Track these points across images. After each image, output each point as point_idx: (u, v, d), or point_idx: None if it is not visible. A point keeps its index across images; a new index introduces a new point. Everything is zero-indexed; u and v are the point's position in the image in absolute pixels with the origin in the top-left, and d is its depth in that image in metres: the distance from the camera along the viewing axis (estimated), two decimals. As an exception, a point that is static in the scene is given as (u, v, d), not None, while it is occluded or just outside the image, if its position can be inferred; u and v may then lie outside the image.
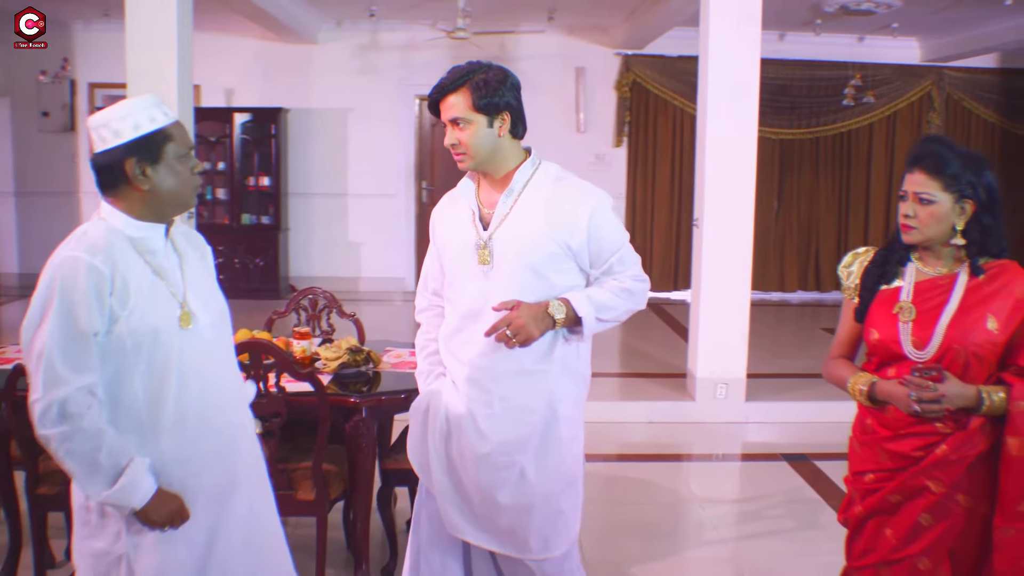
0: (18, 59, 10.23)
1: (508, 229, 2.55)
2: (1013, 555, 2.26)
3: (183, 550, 2.13)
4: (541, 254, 2.53)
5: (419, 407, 2.70)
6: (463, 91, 2.50)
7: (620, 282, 2.61)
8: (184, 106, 5.90)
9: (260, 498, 2.35)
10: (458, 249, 2.63)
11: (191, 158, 2.18)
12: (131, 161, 2.09)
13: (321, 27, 10.33)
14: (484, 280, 2.56)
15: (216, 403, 2.21)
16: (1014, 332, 2.27)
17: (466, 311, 2.59)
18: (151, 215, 2.16)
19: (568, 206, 2.53)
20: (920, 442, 2.32)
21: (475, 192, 2.66)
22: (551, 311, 2.49)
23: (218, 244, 10.04)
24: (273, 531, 2.39)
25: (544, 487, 2.59)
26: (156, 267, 2.15)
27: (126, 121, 2.08)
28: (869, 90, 9.82)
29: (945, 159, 2.30)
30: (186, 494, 2.13)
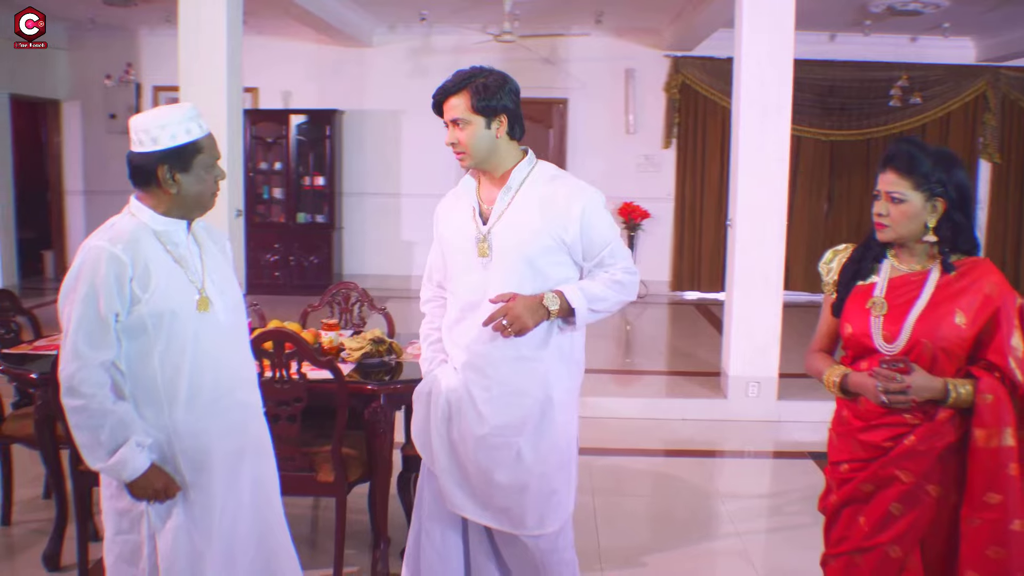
0: (87, 64, 10.72)
1: (506, 224, 2.70)
2: (978, 545, 2.33)
3: (197, 510, 2.36)
4: (536, 247, 2.67)
5: (422, 391, 2.86)
6: (464, 93, 2.66)
7: (611, 274, 2.74)
8: (233, 108, 6.18)
9: (265, 470, 2.57)
10: (459, 243, 2.78)
11: (216, 167, 2.41)
12: (163, 167, 2.33)
13: (375, 31, 10.60)
14: (483, 272, 2.71)
15: (227, 382, 2.43)
16: (983, 327, 2.34)
17: (466, 301, 2.75)
18: (175, 214, 2.40)
19: (562, 202, 2.69)
20: (890, 433, 2.41)
21: (476, 189, 2.82)
22: (545, 302, 2.63)
23: (273, 242, 10.39)
24: (275, 501, 2.61)
25: (539, 468, 2.74)
26: (177, 257, 2.38)
27: (164, 130, 2.32)
28: (916, 91, 9.71)
29: (915, 159, 2.38)
30: (198, 462, 2.35)
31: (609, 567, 3.91)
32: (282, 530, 2.63)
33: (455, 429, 2.76)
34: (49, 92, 10.74)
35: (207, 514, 2.38)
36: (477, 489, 2.76)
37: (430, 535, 2.87)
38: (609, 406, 6.18)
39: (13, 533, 4.14)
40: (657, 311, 9.92)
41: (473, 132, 2.67)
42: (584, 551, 4.01)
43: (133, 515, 2.38)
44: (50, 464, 3.81)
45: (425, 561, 2.88)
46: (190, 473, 2.36)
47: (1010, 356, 2.32)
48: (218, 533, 2.41)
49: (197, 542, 2.39)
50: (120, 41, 10.72)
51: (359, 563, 3.83)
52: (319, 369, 3.51)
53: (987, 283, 2.36)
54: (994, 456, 2.31)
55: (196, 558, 2.37)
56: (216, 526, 2.40)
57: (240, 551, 2.47)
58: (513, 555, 2.87)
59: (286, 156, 10.52)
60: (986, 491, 2.32)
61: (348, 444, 3.68)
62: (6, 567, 3.84)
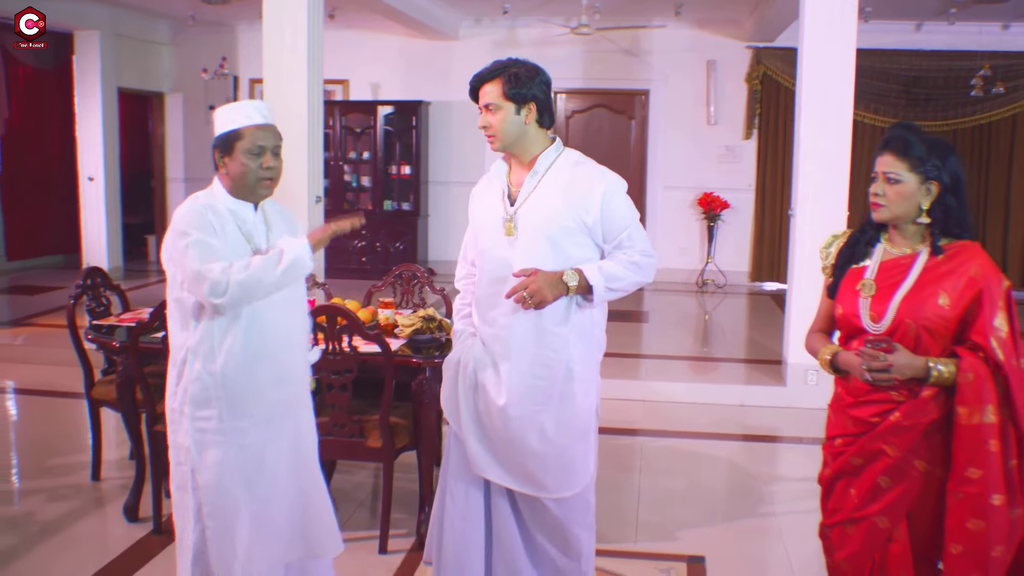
0: (189, 58, 11.34)
1: (531, 205, 2.91)
2: (960, 517, 2.45)
3: (234, 450, 2.66)
4: (558, 228, 2.87)
5: (451, 361, 3.07)
6: (497, 81, 2.88)
7: (629, 256, 2.93)
8: (313, 99, 6.52)
9: (305, 427, 2.86)
10: (489, 222, 3.00)
11: (262, 156, 2.70)
12: (216, 151, 2.73)
13: (461, 24, 10.89)
14: (509, 249, 2.92)
15: (275, 343, 2.73)
16: (966, 308, 2.45)
17: (493, 277, 2.95)
18: (237, 194, 2.75)
19: (584, 186, 2.89)
20: (877, 409, 2.53)
21: (506, 173, 3.03)
22: (565, 279, 2.83)
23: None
24: (314, 455, 2.89)
25: (560, 437, 2.94)
26: (245, 232, 2.72)
27: (219, 121, 2.72)
28: (999, 80, 9.46)
29: (911, 143, 2.50)
30: (238, 409, 2.66)
31: (643, 538, 4.09)
32: (322, 484, 2.91)
33: (480, 398, 2.96)
34: (154, 85, 11.40)
35: (247, 457, 2.68)
36: (501, 454, 2.96)
37: (454, 495, 3.06)
38: (670, 391, 6.34)
39: (101, 488, 4.57)
40: (735, 301, 9.95)
41: (503, 117, 2.88)
42: (622, 523, 4.23)
43: (183, 449, 2.70)
44: (130, 425, 4.20)
45: (448, 519, 3.07)
46: (229, 419, 2.66)
47: (992, 336, 2.41)
48: (260, 477, 2.70)
49: (235, 481, 2.68)
50: (219, 36, 11.30)
51: (407, 526, 4.10)
52: (370, 343, 3.79)
53: (972, 266, 2.46)
54: (976, 432, 2.41)
55: (233, 496, 2.67)
56: (257, 470, 2.70)
57: (280, 495, 2.75)
58: (533, 516, 3.04)
59: (374, 146, 10.92)
60: (968, 466, 2.43)
61: (397, 414, 3.96)
62: (94, 517, 4.26)
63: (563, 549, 3.04)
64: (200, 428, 2.67)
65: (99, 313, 4.63)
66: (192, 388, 2.66)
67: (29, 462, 5.07)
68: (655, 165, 10.91)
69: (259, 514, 2.72)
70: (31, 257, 11.28)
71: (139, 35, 11.07)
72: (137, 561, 3.77)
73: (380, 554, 3.85)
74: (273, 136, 2.75)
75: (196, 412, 2.66)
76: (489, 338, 2.96)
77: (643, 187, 10.95)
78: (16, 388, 6.52)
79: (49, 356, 6.87)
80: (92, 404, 4.56)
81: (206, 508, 2.67)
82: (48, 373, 6.56)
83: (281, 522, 2.78)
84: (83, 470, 4.70)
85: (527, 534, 3.07)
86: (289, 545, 2.79)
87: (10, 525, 4.17)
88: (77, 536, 4.05)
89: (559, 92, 11.04)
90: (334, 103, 11.10)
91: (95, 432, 4.62)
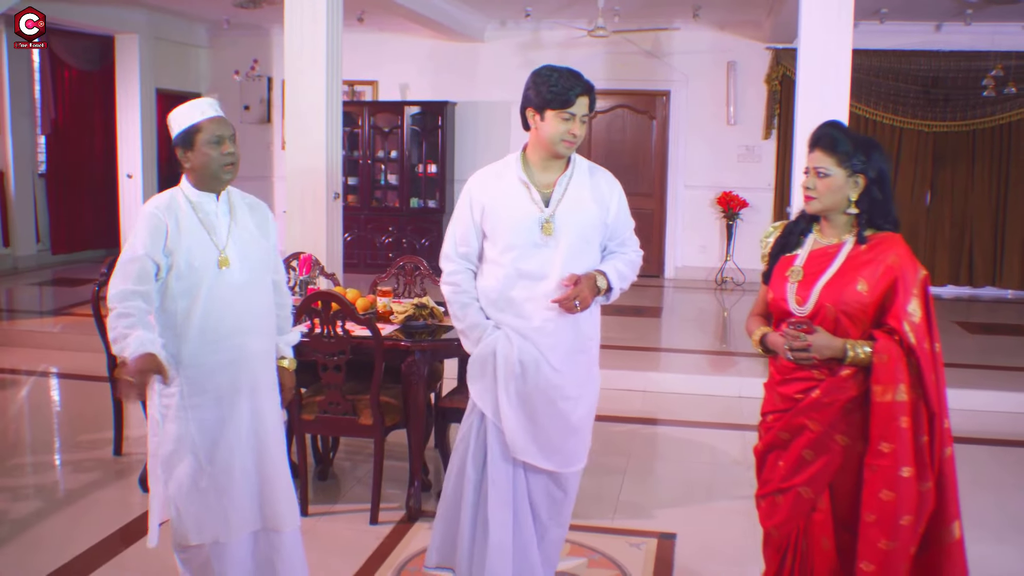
0: (224, 60, 11.77)
1: (568, 207, 3.11)
2: (874, 488, 2.66)
3: (194, 425, 2.93)
4: (590, 228, 3.14)
5: (484, 355, 3.13)
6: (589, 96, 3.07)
7: (630, 256, 3.25)
8: (332, 99, 6.83)
9: (265, 407, 3.06)
10: (521, 221, 3.10)
11: (223, 144, 2.95)
12: (178, 149, 2.98)
13: (487, 27, 11.17)
14: (546, 248, 3.09)
15: (232, 328, 2.96)
16: (883, 294, 2.66)
17: (528, 274, 3.09)
18: (200, 185, 3.00)
19: (606, 191, 3.18)
20: (801, 386, 2.75)
21: (525, 172, 3.13)
22: (598, 283, 3.11)
23: (387, 225, 11.16)
24: (275, 436, 3.10)
25: (589, 414, 3.26)
26: (205, 222, 2.97)
27: (175, 122, 2.97)
28: (1012, 80, 9.50)
29: (838, 140, 2.73)
30: (198, 388, 2.92)
31: (621, 516, 4.33)
32: (281, 461, 3.11)
33: (529, 384, 3.11)
34: (192, 86, 11.84)
35: (204, 432, 2.93)
36: (540, 436, 3.15)
37: (496, 483, 3.16)
38: (671, 382, 6.56)
39: (122, 461, 4.93)
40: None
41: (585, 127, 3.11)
42: (603, 502, 4.48)
43: (155, 421, 2.98)
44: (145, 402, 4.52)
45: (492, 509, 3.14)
46: (190, 396, 2.92)
47: (905, 321, 2.62)
48: (216, 452, 2.95)
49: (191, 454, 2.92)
50: (253, 39, 11.71)
51: (398, 500, 4.39)
52: (364, 328, 4.07)
53: (891, 255, 2.67)
54: (888, 410, 2.62)
55: (189, 467, 2.92)
56: (214, 445, 2.94)
57: (237, 470, 2.99)
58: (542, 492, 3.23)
59: (401, 145, 11.24)
60: (881, 440, 2.64)
61: (388, 394, 4.24)
62: (114, 487, 4.61)
63: (558, 520, 3.29)
64: (165, 404, 2.93)
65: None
66: None
67: (60, 438, 5.49)
68: (676, 164, 11.10)
69: (216, 486, 2.95)
70: (74, 251, 11.80)
71: (177, 38, 11.52)
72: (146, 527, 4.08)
73: (371, 524, 4.14)
74: (228, 126, 3.00)
75: (163, 389, 2.93)
76: (530, 331, 3.09)
77: (664, 186, 11.14)
78: (55, 372, 6.95)
79: (86, 343, 7.27)
80: (114, 384, 4.91)
81: (169, 476, 2.94)
82: (85, 359, 6.96)
83: (238, 495, 2.99)
84: (107, 446, 5.06)
85: (535, 509, 3.26)
86: (248, 515, 3.02)
87: (38, 492, 4.58)
88: (95, 503, 4.40)
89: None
90: (363, 103, 11.45)
91: (117, 410, 4.97)
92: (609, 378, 6.53)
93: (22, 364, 7.07)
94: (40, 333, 7.84)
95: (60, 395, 6.56)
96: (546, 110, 3.00)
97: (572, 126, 3.01)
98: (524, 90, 3.09)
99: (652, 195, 11.21)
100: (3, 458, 5.06)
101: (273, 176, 11.76)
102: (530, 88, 3.05)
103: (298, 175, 6.85)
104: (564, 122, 3.00)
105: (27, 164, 11.19)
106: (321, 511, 4.27)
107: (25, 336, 7.77)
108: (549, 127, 3.02)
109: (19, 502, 4.43)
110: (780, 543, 2.89)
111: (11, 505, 4.38)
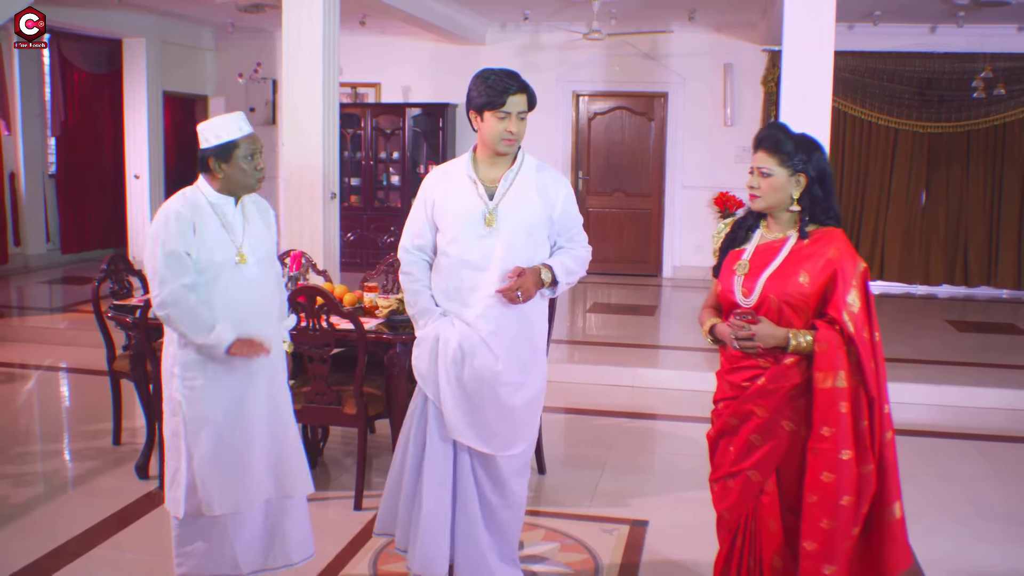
0: (230, 63, 11.99)
1: (511, 201, 3.29)
2: (816, 470, 2.80)
3: (217, 406, 3.17)
4: (534, 222, 3.31)
5: (428, 337, 3.33)
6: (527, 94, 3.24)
7: (577, 251, 3.40)
8: (328, 101, 6.98)
9: (278, 388, 3.34)
10: (465, 213, 3.30)
11: (255, 159, 3.20)
12: (212, 159, 3.19)
13: (488, 30, 11.34)
14: (489, 239, 3.27)
15: (248, 315, 3.21)
16: (824, 286, 2.80)
17: (472, 264, 3.28)
18: (224, 192, 3.24)
19: (551, 187, 3.35)
20: (748, 374, 2.90)
21: (473, 169, 3.33)
22: (543, 276, 3.27)
23: (389, 224, 11.34)
24: (287, 413, 3.37)
25: (531, 402, 3.40)
26: (225, 223, 3.22)
27: (212, 133, 3.18)
28: (1001, 82, 9.61)
29: (780, 140, 2.87)
30: (221, 369, 3.16)
31: (597, 504, 4.49)
32: (294, 436, 3.38)
33: (468, 369, 3.29)
34: (198, 89, 12.07)
35: (227, 409, 3.17)
36: (477, 419, 3.32)
37: (432, 460, 3.36)
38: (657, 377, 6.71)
39: (121, 451, 5.12)
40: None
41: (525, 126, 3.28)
42: (580, 491, 4.64)
43: (176, 402, 3.20)
44: (142, 393, 4.73)
45: (426, 484, 3.35)
46: (214, 378, 3.16)
47: (844, 311, 2.77)
48: (239, 425, 3.20)
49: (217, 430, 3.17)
50: (258, 42, 11.92)
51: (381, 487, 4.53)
52: (348, 321, 4.24)
53: (831, 248, 2.82)
54: (829, 395, 2.77)
55: (215, 443, 3.16)
56: (238, 419, 3.19)
57: (257, 441, 3.24)
58: (485, 473, 3.41)
59: (403, 146, 11.42)
60: (822, 425, 2.78)
61: (372, 385, 4.41)
62: (112, 474, 4.79)
63: (506, 500, 3.43)
64: (189, 386, 3.16)
65: (121, 295, 5.16)
66: (181, 353, 3.17)
67: (63, 429, 5.69)
68: (673, 165, 11.25)
69: (239, 459, 3.21)
70: (83, 251, 12.03)
71: (183, 41, 11.74)
72: (141, 511, 4.29)
73: (355, 510, 4.31)
74: (259, 141, 3.26)
75: (185, 372, 3.17)
76: (473, 317, 3.27)
77: (662, 186, 11.30)
78: (61, 367, 7.16)
79: (90, 339, 7.47)
80: (113, 376, 5.11)
81: (194, 452, 3.17)
82: (89, 354, 7.15)
83: (258, 466, 3.25)
84: (107, 436, 5.25)
85: (480, 489, 3.42)
86: (265, 485, 3.28)
87: (39, 478, 4.78)
88: (94, 490, 4.59)
89: (581, 95, 11.45)
90: (366, 105, 11.64)
91: (116, 402, 5.16)
92: (597, 374, 6.79)
93: (30, 359, 7.29)
94: (48, 329, 8.07)
95: (64, 388, 6.77)
96: (484, 111, 3.19)
97: (508, 124, 3.19)
98: (466, 93, 3.28)
99: (650, 195, 11.37)
100: (8, 446, 5.27)
101: (279, 176, 11.90)
102: (471, 91, 3.23)
103: (295, 175, 7.03)
104: (500, 121, 3.18)
105: (37, 165, 11.45)
106: (309, 497, 4.42)
107: (34, 332, 8.00)
108: (488, 127, 3.21)
109: (22, 487, 4.62)
110: (731, 525, 3.03)
111: (14, 490, 4.57)
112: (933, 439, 5.60)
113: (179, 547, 3.29)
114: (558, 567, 3.82)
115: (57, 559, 3.81)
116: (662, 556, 3.96)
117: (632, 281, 11.04)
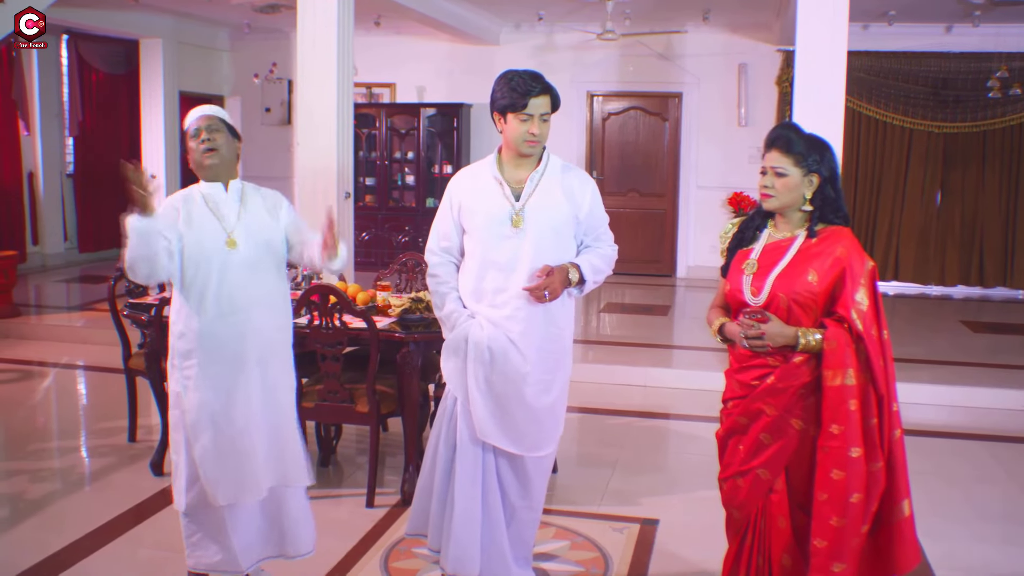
0: (246, 63, 12.06)
1: (538, 201, 3.29)
2: (826, 468, 2.81)
3: (211, 393, 3.19)
4: (561, 222, 3.31)
5: (457, 340, 3.31)
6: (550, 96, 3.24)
7: (604, 250, 3.40)
8: (343, 101, 7.01)
9: (277, 376, 3.33)
10: (492, 214, 3.30)
11: (199, 134, 3.25)
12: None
13: (502, 30, 11.36)
14: (516, 240, 3.27)
15: (240, 302, 3.22)
16: (833, 284, 2.81)
17: (499, 264, 3.28)
18: (209, 178, 3.31)
19: (577, 187, 3.34)
20: (757, 373, 2.91)
21: (499, 170, 3.33)
22: (570, 276, 3.28)
23: (404, 224, 11.39)
24: (287, 403, 3.37)
25: (558, 401, 3.41)
26: (214, 210, 3.26)
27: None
28: (1016, 82, 9.55)
29: (793, 141, 2.88)
30: (211, 357, 3.19)
31: (608, 503, 4.50)
32: (292, 428, 3.38)
33: (496, 370, 3.30)
34: (215, 89, 12.14)
35: (221, 398, 3.20)
36: (506, 420, 3.33)
37: (463, 461, 3.36)
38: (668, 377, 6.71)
39: (136, 447, 5.17)
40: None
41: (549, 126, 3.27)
42: (592, 490, 4.66)
43: (176, 394, 3.25)
44: (157, 391, 4.76)
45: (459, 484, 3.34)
46: (208, 365, 3.19)
47: (853, 309, 2.78)
48: (234, 413, 3.21)
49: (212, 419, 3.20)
50: (274, 42, 11.99)
51: (394, 485, 4.59)
52: (361, 320, 4.27)
53: (839, 247, 2.83)
54: (838, 393, 2.78)
55: (211, 432, 3.19)
56: (232, 407, 3.21)
57: (253, 430, 3.25)
58: (511, 472, 3.43)
59: (418, 146, 11.46)
60: (832, 423, 2.79)
61: (385, 383, 4.44)
62: (127, 471, 4.84)
63: (528, 502, 3.46)
64: (186, 376, 3.21)
65: (137, 293, 5.21)
66: (178, 344, 3.21)
67: (79, 426, 5.75)
68: (688, 165, 11.25)
69: (235, 450, 3.22)
70: (100, 250, 12.12)
71: (200, 42, 11.82)
72: (156, 507, 4.33)
73: (367, 508, 4.34)
74: (208, 120, 3.27)
75: (182, 363, 3.21)
76: (501, 318, 3.28)
77: (676, 186, 11.29)
78: (78, 365, 7.23)
79: (107, 336, 7.53)
80: (129, 374, 5.16)
81: (193, 443, 3.21)
82: (105, 351, 7.23)
83: (255, 454, 3.26)
84: (122, 433, 5.30)
85: (504, 491, 3.44)
86: (262, 474, 3.29)
87: (56, 474, 4.84)
88: (110, 485, 4.64)
89: (595, 95, 11.46)
90: (381, 105, 11.69)
91: (131, 399, 5.21)
92: (610, 373, 6.80)
93: (48, 357, 7.37)
94: (65, 327, 8.15)
95: (81, 386, 6.83)
96: (507, 113, 3.19)
97: (531, 126, 3.17)
98: (491, 94, 3.27)
99: (664, 195, 11.36)
100: (26, 443, 5.33)
101: (294, 177, 11.97)
102: (495, 92, 3.23)
103: (309, 175, 7.08)
104: (523, 123, 3.17)
105: (55, 165, 11.56)
106: (321, 495, 4.46)
107: (51, 330, 8.08)
108: (511, 128, 3.20)
109: (39, 483, 4.68)
110: (740, 523, 3.05)
111: (31, 486, 4.63)
112: (952, 440, 5.58)
113: (186, 540, 3.34)
114: (569, 565, 3.84)
115: (73, 554, 3.86)
116: (672, 554, 3.98)
117: (646, 281, 11.04)
